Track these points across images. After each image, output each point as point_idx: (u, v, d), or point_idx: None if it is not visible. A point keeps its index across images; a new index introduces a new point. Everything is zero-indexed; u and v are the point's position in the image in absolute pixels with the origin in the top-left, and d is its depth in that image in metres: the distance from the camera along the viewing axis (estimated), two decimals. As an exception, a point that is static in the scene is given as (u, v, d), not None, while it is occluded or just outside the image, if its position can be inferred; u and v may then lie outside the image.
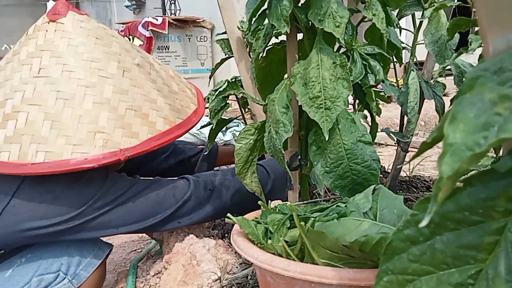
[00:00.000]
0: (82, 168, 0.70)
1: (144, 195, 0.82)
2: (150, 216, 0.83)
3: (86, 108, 0.72)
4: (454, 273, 0.27)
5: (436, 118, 1.14)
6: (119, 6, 5.89)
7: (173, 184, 0.87)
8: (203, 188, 0.89)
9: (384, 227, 0.52)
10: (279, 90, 0.74)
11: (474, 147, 0.22)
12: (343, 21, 0.64)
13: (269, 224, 0.62)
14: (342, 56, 0.67)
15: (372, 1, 0.69)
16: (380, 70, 0.77)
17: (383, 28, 0.69)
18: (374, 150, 0.69)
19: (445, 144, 0.23)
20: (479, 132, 0.22)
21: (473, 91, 0.24)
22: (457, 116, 0.23)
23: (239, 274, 0.89)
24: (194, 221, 0.89)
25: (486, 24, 0.32)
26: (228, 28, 1.01)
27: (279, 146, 0.71)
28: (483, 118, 0.22)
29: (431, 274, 0.28)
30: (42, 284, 0.75)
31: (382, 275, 0.29)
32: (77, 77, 0.73)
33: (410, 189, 1.46)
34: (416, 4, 0.99)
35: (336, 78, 0.66)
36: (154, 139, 0.78)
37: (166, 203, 0.84)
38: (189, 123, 0.88)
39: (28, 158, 0.69)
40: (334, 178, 0.68)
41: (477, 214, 0.28)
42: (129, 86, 0.77)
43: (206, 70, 4.37)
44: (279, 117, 0.71)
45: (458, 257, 0.27)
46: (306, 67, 0.68)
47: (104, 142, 0.71)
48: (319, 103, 0.66)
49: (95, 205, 0.76)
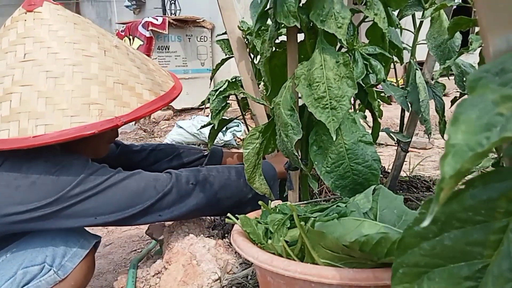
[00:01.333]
0: (83, 135, 0.72)
1: (124, 185, 0.81)
2: (129, 206, 0.81)
3: (77, 84, 0.74)
4: (463, 267, 0.29)
5: (436, 118, 1.14)
6: (119, 6, 5.90)
7: (155, 177, 0.86)
8: (185, 182, 0.87)
9: (384, 227, 0.52)
10: (282, 93, 0.74)
11: (476, 147, 0.22)
12: (345, 22, 0.64)
13: (269, 224, 0.62)
14: (345, 55, 0.67)
15: (373, 1, 0.69)
16: (382, 69, 0.77)
17: (385, 28, 0.69)
18: (375, 150, 0.69)
19: (447, 145, 0.23)
20: (482, 132, 0.22)
21: (475, 93, 0.25)
22: (459, 118, 0.24)
23: (239, 274, 0.89)
24: (175, 215, 0.87)
25: (486, 24, 0.32)
26: (228, 28, 1.01)
27: (291, 149, 0.72)
28: (485, 118, 0.23)
29: (442, 267, 0.30)
30: (27, 277, 0.75)
31: (397, 267, 0.31)
32: (63, 58, 0.76)
33: (410, 189, 1.46)
34: (417, 4, 0.99)
35: (340, 77, 0.66)
36: (144, 107, 0.80)
37: (146, 194, 0.82)
38: (171, 95, 0.90)
39: (29, 133, 0.70)
40: (335, 178, 0.68)
41: (480, 214, 0.29)
42: (112, 63, 0.80)
43: (206, 70, 4.37)
44: (287, 120, 0.71)
45: (465, 253, 0.29)
46: (310, 68, 0.68)
47: (99, 112, 0.74)
48: (325, 103, 0.66)
49: (73, 192, 0.75)
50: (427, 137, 1.10)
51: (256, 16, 0.73)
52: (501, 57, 0.26)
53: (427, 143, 2.61)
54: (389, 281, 0.48)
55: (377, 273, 0.48)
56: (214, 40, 4.13)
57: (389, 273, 0.48)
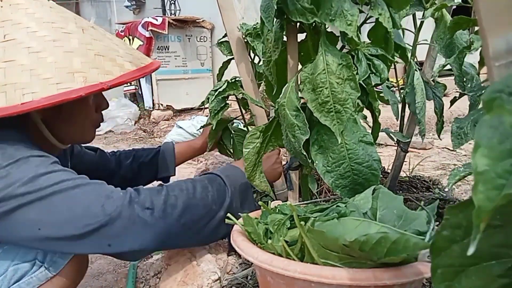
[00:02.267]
0: (71, 98, 0.71)
1: (72, 195, 0.70)
2: (69, 222, 0.68)
3: (58, 57, 0.75)
4: (494, 265, 0.31)
5: (436, 118, 1.14)
6: (119, 6, 5.90)
7: (109, 193, 0.72)
8: (140, 206, 0.72)
9: (384, 227, 0.52)
10: (286, 93, 0.74)
11: (505, 174, 0.23)
12: (354, 19, 0.65)
13: (269, 224, 0.62)
14: (347, 56, 0.67)
15: (378, 1, 0.70)
16: (385, 69, 0.77)
17: (390, 27, 0.70)
18: (375, 151, 0.69)
19: (476, 174, 0.24)
20: (506, 159, 0.23)
21: (492, 113, 0.25)
22: (481, 143, 0.24)
23: (239, 274, 0.89)
24: (127, 247, 0.71)
25: (486, 24, 0.32)
26: (228, 28, 1.01)
27: (299, 149, 0.72)
28: (507, 144, 0.24)
29: (476, 265, 0.32)
30: (18, 274, 0.73)
31: (435, 268, 0.33)
32: (42, 35, 0.76)
33: (410, 189, 1.46)
34: (417, 4, 0.99)
35: (343, 80, 0.66)
36: (127, 75, 0.80)
37: (90, 212, 0.69)
38: (151, 66, 0.88)
39: (17, 101, 0.70)
40: (335, 177, 0.68)
41: (496, 219, 0.30)
42: (91, 39, 0.81)
43: (206, 70, 4.37)
44: (293, 121, 0.71)
45: (493, 254, 0.31)
46: (313, 72, 0.68)
47: (84, 79, 0.74)
48: (329, 108, 0.67)
49: (18, 191, 0.67)
50: (420, 137, 1.10)
51: (271, 21, 0.72)
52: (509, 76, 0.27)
53: (427, 143, 2.61)
54: (389, 281, 0.48)
55: (377, 273, 0.49)
56: (214, 41, 4.12)
57: (388, 273, 0.48)
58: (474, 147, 0.24)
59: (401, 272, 0.49)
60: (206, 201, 0.79)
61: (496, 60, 0.32)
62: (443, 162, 2.23)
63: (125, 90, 4.42)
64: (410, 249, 0.46)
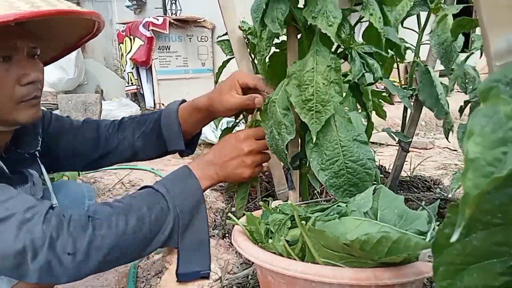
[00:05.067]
0: None
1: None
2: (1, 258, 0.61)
3: None
4: (495, 264, 0.31)
5: (437, 119, 1.14)
6: (120, 6, 5.90)
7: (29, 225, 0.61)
8: (61, 249, 0.62)
9: (385, 227, 0.52)
10: (279, 91, 0.74)
11: (494, 162, 0.23)
12: (336, 21, 0.65)
13: (270, 224, 0.62)
14: (337, 60, 0.68)
15: (369, 1, 0.70)
16: (378, 68, 0.77)
17: (380, 27, 0.70)
18: (370, 150, 0.69)
19: (466, 160, 0.24)
20: (497, 147, 0.23)
21: (487, 103, 0.25)
22: (474, 130, 0.24)
23: (240, 274, 0.89)
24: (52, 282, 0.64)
25: (487, 24, 0.32)
26: (229, 28, 1.01)
27: (281, 147, 0.72)
28: (500, 133, 0.24)
29: (477, 263, 0.32)
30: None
31: (437, 266, 0.33)
32: None
33: (411, 189, 1.46)
34: (422, 4, 0.99)
35: (329, 82, 0.67)
36: None
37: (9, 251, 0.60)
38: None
39: None
40: (329, 175, 0.68)
41: (497, 217, 0.30)
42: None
43: (207, 70, 4.37)
44: (281, 119, 0.71)
45: (494, 252, 0.31)
46: (301, 69, 0.69)
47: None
48: (310, 106, 0.68)
49: None
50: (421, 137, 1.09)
51: (258, 21, 0.73)
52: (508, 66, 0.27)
53: (428, 143, 2.61)
54: (389, 281, 0.48)
55: (378, 272, 0.49)
56: (215, 40, 4.13)
57: (389, 273, 0.48)
58: (467, 135, 0.24)
59: (402, 272, 0.49)
60: (139, 235, 0.69)
61: (497, 59, 0.32)
62: (444, 162, 2.23)
63: (126, 90, 4.43)
64: (411, 249, 0.46)
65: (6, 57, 0.69)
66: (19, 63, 0.71)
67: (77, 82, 4.36)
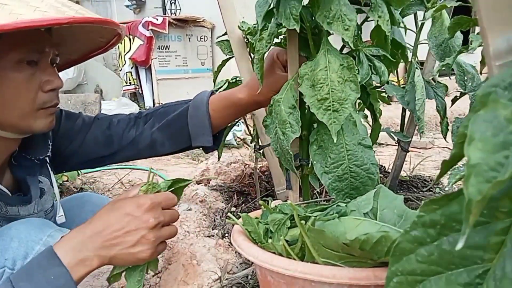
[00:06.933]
0: None
1: None
2: None
3: None
4: (462, 273, 0.28)
5: (437, 118, 1.14)
6: (119, 5, 5.90)
7: None
8: None
9: (385, 226, 0.52)
10: (284, 91, 0.74)
11: (497, 167, 0.23)
12: (352, 24, 0.64)
13: (270, 224, 0.62)
14: (349, 58, 0.67)
15: (378, 3, 0.69)
16: (385, 71, 0.77)
17: (388, 30, 0.69)
18: (373, 154, 0.69)
19: (468, 166, 0.23)
20: (499, 151, 0.23)
21: (486, 108, 0.25)
22: (474, 136, 0.24)
23: (239, 273, 0.89)
24: None
25: (486, 24, 0.32)
26: (229, 27, 1.01)
27: (286, 147, 0.71)
28: (501, 137, 0.23)
29: (439, 274, 0.29)
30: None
31: (391, 276, 0.30)
32: None
33: (410, 188, 1.46)
34: (419, 4, 0.99)
35: (344, 80, 0.66)
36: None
37: None
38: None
39: None
40: (332, 179, 0.68)
41: (482, 215, 0.28)
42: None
43: (206, 70, 4.38)
44: (286, 118, 0.71)
45: (465, 257, 0.28)
46: (314, 68, 0.68)
47: None
48: (327, 105, 0.66)
49: None
50: (419, 135, 1.09)
51: (262, 16, 0.72)
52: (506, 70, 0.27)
53: (427, 143, 2.61)
54: (389, 281, 0.48)
55: (377, 272, 0.49)
56: (214, 40, 4.13)
57: (389, 273, 0.48)
58: (467, 141, 0.24)
59: (402, 272, 0.49)
60: None
61: (496, 59, 0.32)
62: (443, 161, 2.23)
63: (125, 90, 4.43)
64: (410, 249, 0.46)
65: (33, 62, 0.67)
66: (44, 69, 0.69)
67: (77, 82, 4.37)
